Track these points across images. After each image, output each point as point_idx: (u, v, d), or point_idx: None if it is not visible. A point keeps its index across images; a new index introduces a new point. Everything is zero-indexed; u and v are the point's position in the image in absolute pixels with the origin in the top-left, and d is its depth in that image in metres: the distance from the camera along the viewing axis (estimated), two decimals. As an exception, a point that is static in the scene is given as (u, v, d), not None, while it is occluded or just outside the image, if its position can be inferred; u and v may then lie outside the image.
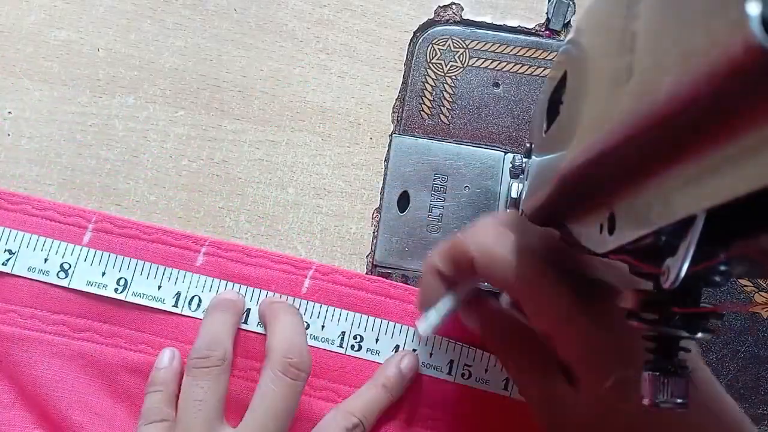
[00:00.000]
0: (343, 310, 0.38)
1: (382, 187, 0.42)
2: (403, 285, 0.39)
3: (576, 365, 0.29)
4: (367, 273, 0.40)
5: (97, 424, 0.36)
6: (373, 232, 0.41)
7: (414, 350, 0.38)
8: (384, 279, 0.39)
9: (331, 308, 0.38)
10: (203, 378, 0.33)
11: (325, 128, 0.42)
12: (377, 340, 0.38)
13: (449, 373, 0.38)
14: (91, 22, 0.43)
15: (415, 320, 0.36)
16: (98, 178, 0.41)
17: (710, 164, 0.15)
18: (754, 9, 0.11)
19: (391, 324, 0.38)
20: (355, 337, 0.38)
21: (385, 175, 0.42)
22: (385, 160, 0.42)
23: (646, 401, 0.22)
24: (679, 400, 0.22)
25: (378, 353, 0.38)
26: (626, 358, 0.27)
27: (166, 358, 0.36)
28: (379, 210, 0.41)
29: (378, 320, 0.38)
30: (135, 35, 0.43)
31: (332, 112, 0.43)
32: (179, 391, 0.35)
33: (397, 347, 0.38)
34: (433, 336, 0.38)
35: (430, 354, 0.38)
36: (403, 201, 0.42)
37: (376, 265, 0.41)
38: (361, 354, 0.38)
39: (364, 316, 0.38)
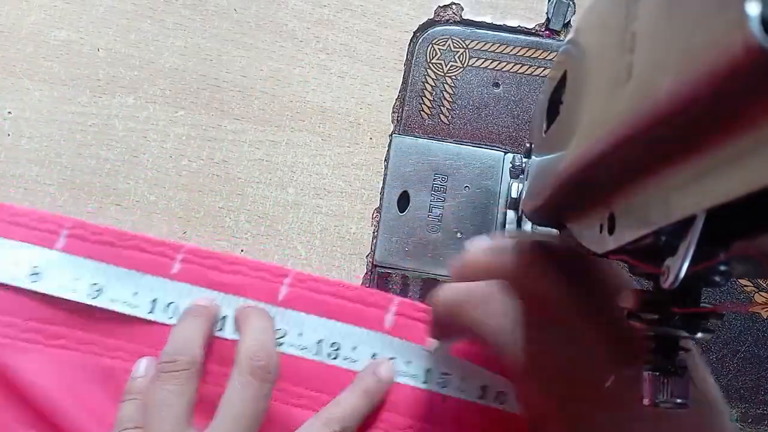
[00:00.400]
0: (320, 318, 0.38)
1: (382, 187, 0.42)
2: (381, 292, 0.39)
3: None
4: (367, 273, 0.40)
5: None
6: (373, 232, 0.41)
7: (391, 358, 0.37)
8: (362, 287, 0.39)
9: (308, 316, 0.38)
10: (170, 382, 0.33)
11: (325, 128, 0.42)
12: (354, 348, 0.37)
13: (425, 382, 0.37)
14: (91, 22, 0.43)
15: (427, 344, 0.37)
16: (98, 178, 0.41)
17: (710, 164, 0.15)
18: (753, 9, 0.11)
19: (369, 332, 0.38)
20: (332, 345, 0.37)
21: (385, 175, 0.42)
22: (385, 160, 0.42)
23: (646, 401, 0.22)
24: (679, 400, 0.22)
25: (355, 361, 0.37)
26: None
27: (143, 367, 0.36)
28: (379, 210, 0.41)
29: (355, 328, 0.38)
30: (135, 35, 0.43)
31: (332, 112, 0.43)
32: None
33: (374, 355, 0.37)
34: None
35: (408, 362, 0.37)
36: (403, 201, 0.42)
37: (376, 265, 0.41)
38: (338, 362, 0.37)
39: (341, 324, 0.38)
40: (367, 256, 0.41)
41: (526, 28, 0.44)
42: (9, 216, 0.38)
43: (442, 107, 0.43)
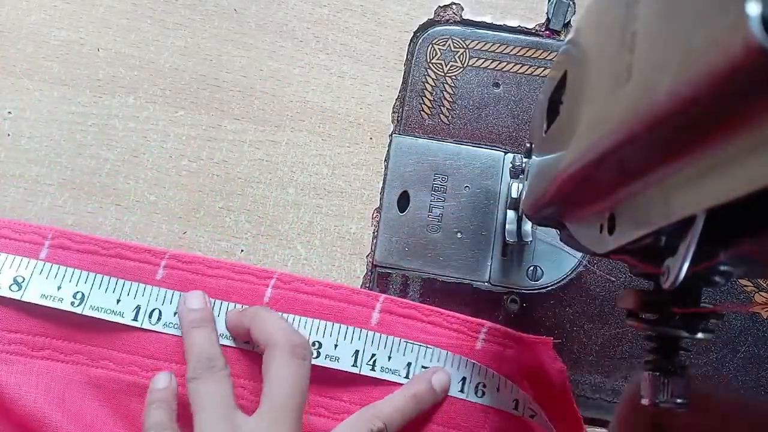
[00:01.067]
0: (302, 317, 0.37)
1: (382, 187, 0.42)
2: (366, 291, 0.39)
3: None
4: (367, 273, 0.40)
5: None
6: (373, 232, 0.41)
7: (373, 354, 0.37)
8: (346, 286, 0.39)
9: (290, 315, 0.38)
10: (211, 378, 0.34)
11: (325, 128, 0.42)
12: (336, 345, 0.37)
13: (406, 377, 0.37)
14: (91, 22, 0.43)
15: None
16: (98, 178, 0.41)
17: (710, 164, 0.15)
18: (754, 9, 0.11)
19: (350, 329, 0.38)
20: (313, 344, 0.37)
21: (385, 175, 0.42)
22: (385, 160, 0.42)
23: (645, 401, 0.22)
24: (679, 400, 0.22)
25: (337, 359, 0.37)
26: None
27: (163, 379, 0.36)
28: (379, 210, 0.41)
29: (336, 325, 0.37)
30: (135, 35, 0.43)
31: (332, 112, 0.43)
32: (177, 412, 0.35)
33: (356, 352, 0.37)
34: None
35: (389, 358, 0.37)
36: (403, 201, 0.41)
37: (376, 265, 0.41)
38: (320, 361, 0.37)
39: (323, 322, 0.37)
40: (367, 256, 0.41)
41: (526, 28, 0.44)
42: None
43: (442, 107, 0.43)
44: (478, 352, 0.38)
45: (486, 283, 0.40)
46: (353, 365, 0.37)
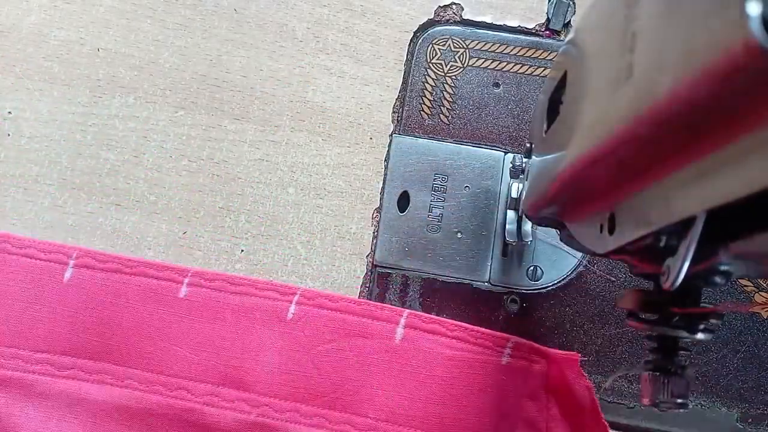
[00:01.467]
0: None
1: (382, 187, 0.42)
2: (390, 306, 0.39)
3: None
4: (367, 273, 0.40)
5: None
6: (373, 232, 0.41)
7: None
8: (369, 301, 0.39)
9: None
10: None
11: (325, 128, 0.42)
12: None
13: None
14: (91, 22, 0.43)
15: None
16: (98, 178, 0.41)
17: (710, 164, 0.15)
18: (754, 9, 0.11)
19: None
20: None
21: (385, 175, 0.42)
22: (385, 160, 0.42)
23: (646, 401, 0.22)
24: (679, 400, 0.22)
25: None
26: None
27: None
28: (379, 210, 0.41)
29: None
30: (135, 35, 0.43)
31: (332, 112, 0.43)
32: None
33: None
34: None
35: None
36: (403, 201, 0.41)
37: (376, 265, 0.41)
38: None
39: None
40: (367, 256, 0.41)
41: (526, 28, 0.44)
42: (16, 248, 0.38)
43: (442, 107, 0.43)
44: (504, 367, 0.37)
45: (486, 283, 0.40)
46: None
